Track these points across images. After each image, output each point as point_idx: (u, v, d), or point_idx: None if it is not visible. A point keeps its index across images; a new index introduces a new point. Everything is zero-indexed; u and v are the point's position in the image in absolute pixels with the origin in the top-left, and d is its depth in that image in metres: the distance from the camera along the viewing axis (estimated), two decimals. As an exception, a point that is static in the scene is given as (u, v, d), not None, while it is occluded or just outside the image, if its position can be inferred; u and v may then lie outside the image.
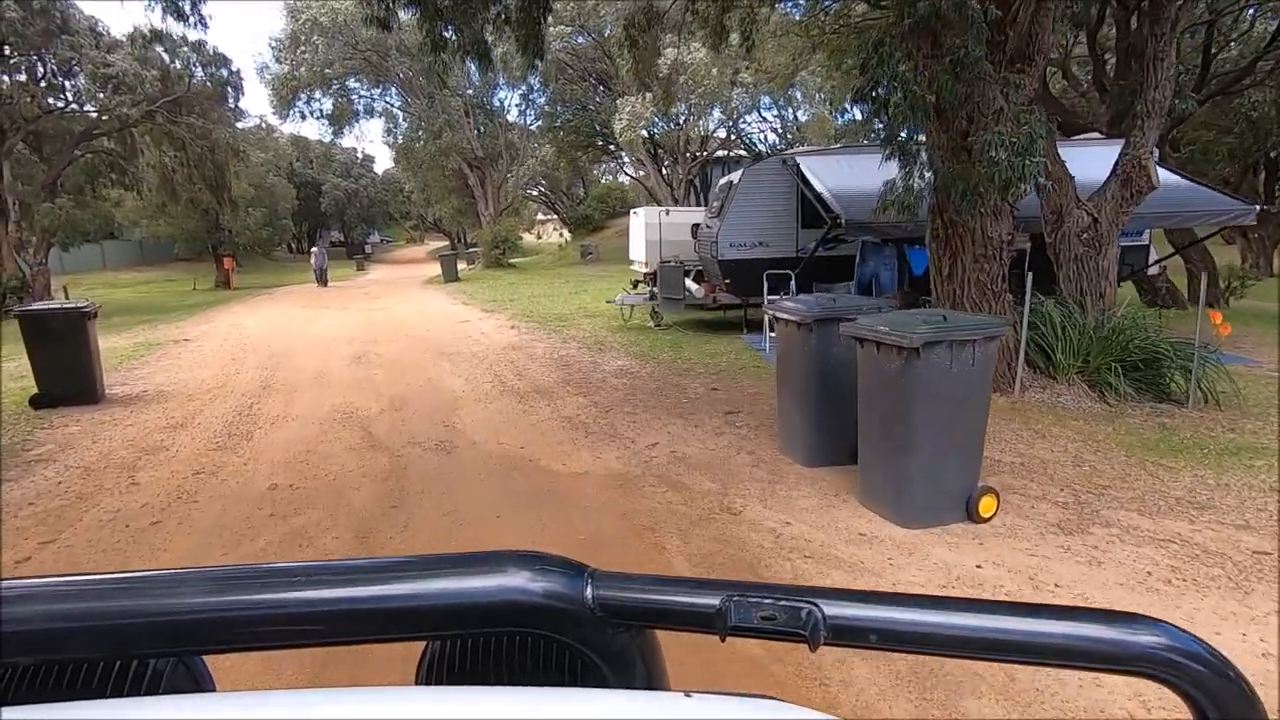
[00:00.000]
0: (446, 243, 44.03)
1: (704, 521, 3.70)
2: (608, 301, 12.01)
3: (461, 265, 25.11)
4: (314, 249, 25.01)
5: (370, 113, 28.11)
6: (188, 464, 4.89)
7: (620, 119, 19.46)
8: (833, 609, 0.46)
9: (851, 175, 9.11)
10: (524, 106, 29.34)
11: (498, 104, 29.22)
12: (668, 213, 12.87)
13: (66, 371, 6.78)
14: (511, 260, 25.91)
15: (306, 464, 4.81)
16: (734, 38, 9.52)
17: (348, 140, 52.68)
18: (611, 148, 32.79)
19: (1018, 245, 6.17)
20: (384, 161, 48.15)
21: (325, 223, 47.89)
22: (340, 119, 26.70)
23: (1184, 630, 0.45)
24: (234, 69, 19.55)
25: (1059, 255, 6.68)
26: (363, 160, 47.60)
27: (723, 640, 0.48)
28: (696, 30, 10.79)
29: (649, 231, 12.48)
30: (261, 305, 18.34)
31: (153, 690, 0.52)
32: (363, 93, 27.16)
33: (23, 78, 17.57)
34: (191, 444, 5.41)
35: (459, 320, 12.78)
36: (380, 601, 0.48)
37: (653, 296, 11.20)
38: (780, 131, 28.29)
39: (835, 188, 8.60)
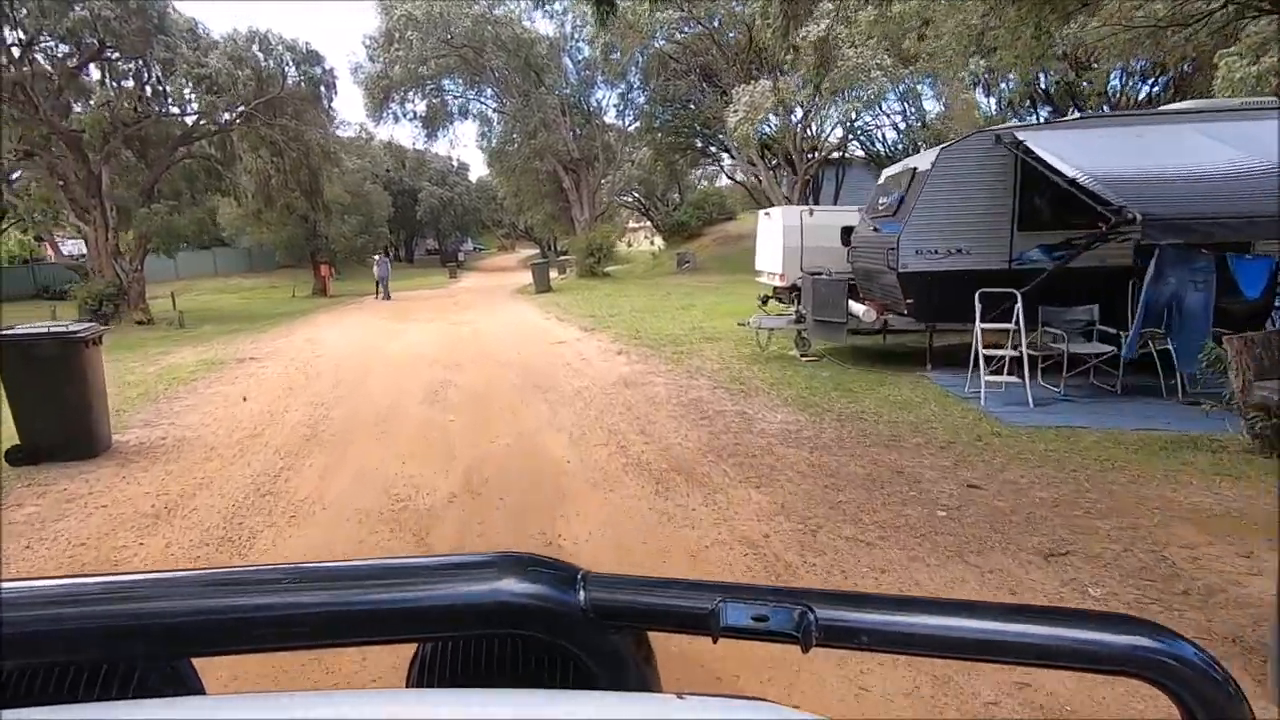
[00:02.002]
0: (537, 250, 43.04)
1: None
2: (739, 324, 9.59)
3: (553, 274, 23.45)
4: (376, 257, 23.37)
5: (464, 114, 27.08)
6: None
7: (735, 111, 17.01)
8: (825, 611, 0.45)
9: (1115, 154, 6.29)
10: (622, 106, 27.52)
11: (595, 104, 27.59)
12: (811, 213, 10.28)
13: (58, 416, 5.10)
14: (606, 269, 24.01)
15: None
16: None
17: (441, 147, 53.07)
18: (711, 149, 30.45)
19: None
20: (477, 169, 47.89)
21: (421, 230, 48.20)
22: (434, 121, 25.74)
23: (1172, 631, 0.43)
24: (327, 67, 18.69)
25: None
26: (458, 168, 47.53)
27: (715, 641, 0.46)
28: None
29: (787, 236, 9.99)
30: (348, 315, 17.29)
31: (140, 694, 0.50)
32: (456, 94, 26.15)
33: (130, 84, 17.28)
34: (161, 556, 3.46)
35: (554, 340, 10.75)
36: (373, 603, 0.46)
37: (799, 318, 8.71)
38: (902, 128, 24.89)
39: (1103, 171, 5.81)
